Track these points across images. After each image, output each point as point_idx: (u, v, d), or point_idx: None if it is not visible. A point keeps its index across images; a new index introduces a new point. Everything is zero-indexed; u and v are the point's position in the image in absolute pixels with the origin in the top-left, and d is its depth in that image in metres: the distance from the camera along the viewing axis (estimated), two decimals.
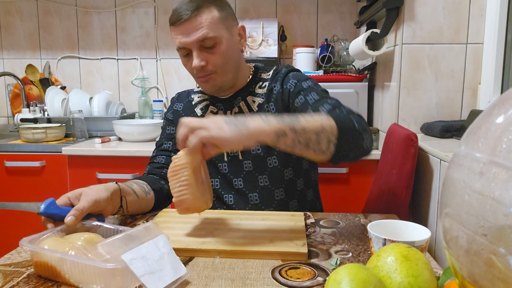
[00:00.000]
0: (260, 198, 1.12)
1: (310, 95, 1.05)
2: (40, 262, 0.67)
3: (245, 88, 1.15)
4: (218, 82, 1.07)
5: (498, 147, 0.38)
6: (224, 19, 1.04)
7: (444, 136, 1.44)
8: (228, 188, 1.14)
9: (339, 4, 2.32)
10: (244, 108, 1.14)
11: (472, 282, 0.40)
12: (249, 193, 1.12)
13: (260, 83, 1.16)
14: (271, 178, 1.11)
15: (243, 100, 1.14)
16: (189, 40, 1.00)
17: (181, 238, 0.82)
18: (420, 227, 0.69)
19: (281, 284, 0.66)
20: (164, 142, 1.21)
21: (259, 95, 1.14)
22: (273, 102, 1.12)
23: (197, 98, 1.22)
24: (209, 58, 1.03)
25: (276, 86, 1.13)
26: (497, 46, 1.46)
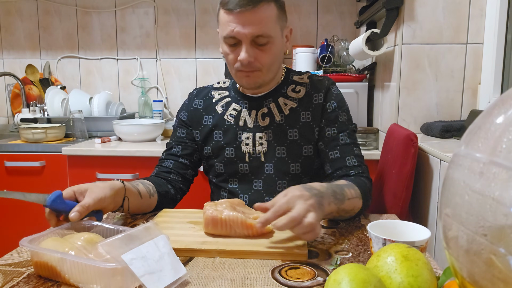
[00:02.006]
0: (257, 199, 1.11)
1: (342, 135, 1.08)
2: (40, 262, 0.67)
3: (277, 89, 1.12)
4: (260, 80, 1.05)
5: (498, 147, 0.38)
6: (280, 18, 1.02)
7: (444, 136, 1.44)
8: (247, 188, 1.12)
9: (339, 4, 2.32)
10: (274, 110, 1.11)
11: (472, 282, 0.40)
12: (266, 195, 1.11)
13: (293, 85, 1.13)
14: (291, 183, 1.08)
15: (274, 102, 1.11)
16: (244, 31, 0.96)
17: (181, 238, 0.82)
18: (420, 227, 0.69)
19: (281, 284, 0.66)
20: (173, 146, 1.17)
21: (291, 99, 1.11)
22: (311, 112, 1.10)
23: (218, 95, 1.18)
24: (258, 55, 1.00)
25: (318, 96, 1.10)
26: (497, 46, 1.46)
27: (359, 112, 1.86)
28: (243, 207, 0.89)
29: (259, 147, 1.10)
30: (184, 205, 1.44)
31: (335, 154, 1.08)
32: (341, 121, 1.10)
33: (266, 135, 1.10)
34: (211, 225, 0.82)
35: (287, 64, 2.35)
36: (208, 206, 0.85)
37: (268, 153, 1.10)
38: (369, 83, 1.94)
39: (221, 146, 1.12)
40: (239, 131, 1.11)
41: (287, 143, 1.09)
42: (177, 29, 2.42)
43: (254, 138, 1.10)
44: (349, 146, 1.08)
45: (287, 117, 1.10)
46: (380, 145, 1.78)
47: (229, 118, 1.13)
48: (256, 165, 1.11)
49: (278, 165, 1.10)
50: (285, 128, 1.10)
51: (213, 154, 1.14)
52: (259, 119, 1.11)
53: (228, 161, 1.12)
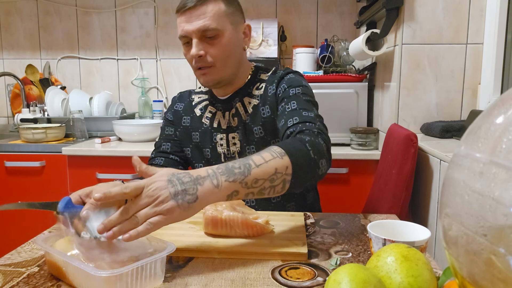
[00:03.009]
0: (256, 200, 1.11)
1: (290, 103, 1.02)
2: (50, 261, 0.68)
3: (243, 89, 1.14)
4: (217, 76, 1.06)
5: (498, 147, 0.38)
6: (230, 14, 1.04)
7: (444, 136, 1.44)
8: None
9: (339, 4, 2.32)
10: (241, 109, 1.13)
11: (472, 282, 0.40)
12: None
13: (258, 84, 1.15)
14: None
15: (240, 101, 1.14)
16: (190, 28, 1.01)
17: (181, 238, 0.82)
18: (420, 227, 0.69)
19: (281, 284, 0.66)
20: (162, 143, 1.21)
21: (255, 97, 1.13)
22: (268, 104, 1.11)
23: (197, 99, 1.22)
24: (208, 49, 1.02)
25: (271, 88, 1.12)
26: (497, 46, 1.46)
27: (359, 112, 1.86)
28: (243, 207, 0.89)
29: (232, 147, 1.14)
30: None
31: (281, 122, 1.01)
32: (291, 94, 1.05)
33: (238, 134, 1.13)
34: (211, 225, 0.82)
35: (287, 64, 2.35)
36: (208, 206, 0.85)
37: (241, 153, 1.13)
38: (369, 83, 1.94)
39: (199, 148, 1.17)
40: (214, 133, 1.15)
41: (255, 141, 1.12)
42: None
43: (227, 139, 1.14)
44: (295, 111, 0.99)
45: (251, 115, 1.12)
46: (380, 145, 1.78)
47: (206, 120, 1.17)
48: None
49: None
50: (250, 126, 1.12)
51: (192, 155, 1.19)
52: (231, 120, 1.14)
53: (206, 162, 1.17)
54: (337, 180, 1.78)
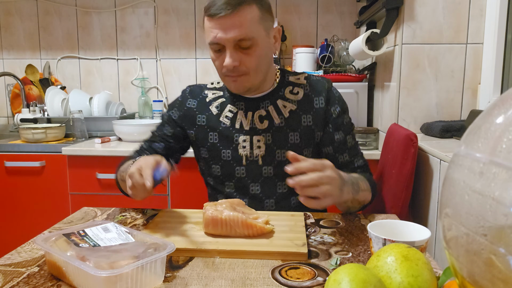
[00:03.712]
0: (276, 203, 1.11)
1: (349, 137, 1.13)
2: (50, 261, 0.68)
3: (274, 91, 1.11)
4: (248, 84, 1.04)
5: (498, 147, 0.38)
6: (264, 19, 1.00)
7: (444, 136, 1.44)
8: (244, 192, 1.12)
9: (339, 4, 2.32)
10: (273, 113, 1.10)
11: (472, 282, 0.40)
12: (265, 199, 1.11)
13: (290, 87, 1.12)
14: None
15: (272, 104, 1.10)
16: (225, 36, 0.96)
17: (181, 238, 0.82)
18: (420, 227, 0.69)
19: (281, 284, 0.66)
20: (156, 141, 1.16)
21: (291, 101, 1.10)
22: (312, 115, 1.10)
23: (212, 95, 1.16)
24: (243, 59, 0.99)
25: (319, 100, 1.10)
26: (497, 46, 1.46)
27: (359, 112, 1.86)
28: (243, 207, 0.89)
29: (256, 150, 1.09)
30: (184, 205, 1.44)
31: (345, 157, 1.12)
32: (346, 123, 1.13)
33: (264, 138, 1.09)
34: (211, 225, 0.82)
35: (287, 64, 2.35)
36: (208, 207, 0.85)
37: (267, 156, 1.09)
38: (369, 83, 1.94)
39: (217, 149, 1.11)
40: (235, 134, 1.10)
41: (287, 146, 1.09)
42: (177, 29, 2.42)
43: (251, 141, 1.09)
44: (355, 148, 1.14)
45: (288, 120, 1.09)
46: (380, 145, 1.78)
47: (225, 120, 1.11)
48: (253, 169, 1.10)
49: (278, 168, 1.09)
50: (285, 131, 1.09)
51: (210, 156, 1.13)
52: (256, 121, 1.10)
53: (225, 163, 1.11)
54: None
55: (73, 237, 0.70)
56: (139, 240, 0.71)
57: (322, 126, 1.11)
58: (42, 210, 1.93)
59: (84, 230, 0.73)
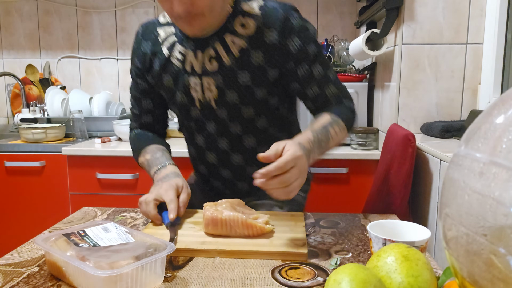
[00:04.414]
0: (229, 144, 1.08)
1: (315, 67, 1.00)
2: (50, 261, 0.68)
3: (223, 25, 0.99)
4: (205, 24, 0.93)
5: (498, 147, 0.38)
6: None
7: (444, 136, 1.44)
8: (201, 129, 1.09)
9: (339, 4, 2.32)
10: (222, 52, 0.99)
11: (472, 282, 0.40)
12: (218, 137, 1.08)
13: (240, 18, 0.98)
14: (245, 127, 1.06)
15: (219, 40, 0.99)
16: None
17: (181, 238, 0.82)
18: (420, 227, 0.69)
19: (281, 284, 0.66)
20: (142, 99, 1.13)
21: (241, 37, 0.98)
22: (263, 52, 0.97)
23: (163, 34, 1.06)
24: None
25: (272, 35, 0.96)
26: (497, 46, 1.46)
27: (359, 112, 1.86)
28: (243, 207, 0.89)
29: (208, 93, 1.02)
30: None
31: (314, 90, 1.02)
32: (311, 53, 0.99)
33: (215, 80, 1.01)
34: (211, 225, 0.82)
35: None
36: (208, 207, 0.85)
37: (219, 99, 1.02)
38: (369, 83, 1.94)
39: (173, 92, 1.07)
40: (186, 76, 1.03)
41: (238, 88, 1.01)
42: None
43: (202, 84, 1.02)
44: (326, 77, 1.02)
45: (238, 60, 0.98)
46: (380, 145, 1.78)
47: (176, 62, 1.04)
48: (208, 111, 1.05)
49: (231, 111, 1.03)
50: (235, 71, 0.99)
51: (168, 99, 1.10)
52: (206, 62, 1.00)
53: (181, 106, 1.08)
54: (337, 180, 1.78)
55: (73, 237, 0.70)
56: (139, 240, 0.71)
57: (278, 64, 0.99)
58: (42, 210, 1.93)
59: (84, 230, 0.73)
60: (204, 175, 1.18)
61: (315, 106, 1.04)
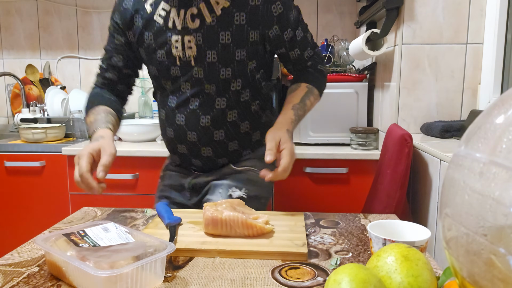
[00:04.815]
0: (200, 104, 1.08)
1: (298, 31, 1.09)
2: (50, 261, 0.68)
3: None
4: None
5: (498, 147, 0.38)
6: None
7: (444, 136, 1.44)
8: (176, 90, 1.10)
9: (339, 4, 2.32)
10: (204, 11, 1.02)
11: (472, 282, 0.40)
12: (191, 97, 1.09)
13: None
14: (220, 87, 1.07)
15: (204, 0, 1.03)
16: None
17: (181, 238, 0.82)
18: (420, 227, 0.69)
19: (281, 284, 0.66)
20: (113, 55, 1.13)
21: None
22: (246, 14, 1.02)
23: None
24: None
25: None
26: (497, 46, 1.46)
27: (359, 112, 1.86)
28: (243, 207, 0.89)
29: (188, 51, 1.04)
30: None
31: (296, 52, 1.12)
32: (293, 19, 1.07)
33: (195, 38, 1.03)
34: (211, 225, 0.82)
35: None
36: (208, 207, 0.85)
37: (198, 57, 1.04)
38: (369, 83, 1.94)
39: (153, 49, 1.08)
40: (168, 33, 1.05)
41: (218, 47, 1.03)
42: None
43: (183, 41, 1.04)
44: (305, 40, 1.12)
45: (219, 19, 1.02)
46: (380, 145, 1.78)
47: (158, 19, 1.06)
48: (186, 69, 1.06)
49: (208, 70, 1.05)
50: (216, 30, 1.02)
51: (147, 57, 1.11)
52: (188, 20, 1.03)
53: (160, 64, 1.09)
54: (337, 180, 1.78)
55: (73, 237, 0.70)
56: (139, 240, 0.71)
57: (260, 26, 1.03)
58: (42, 210, 1.93)
59: (84, 230, 0.73)
60: (170, 138, 1.15)
61: (295, 68, 1.16)
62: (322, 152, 1.74)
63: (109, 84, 1.17)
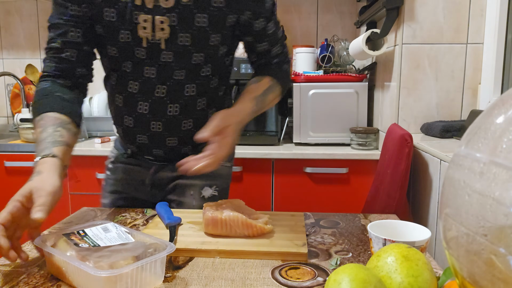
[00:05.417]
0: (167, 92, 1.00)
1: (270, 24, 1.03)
2: (50, 260, 0.68)
3: None
4: None
5: (498, 147, 0.38)
6: None
7: (444, 136, 1.44)
8: (138, 74, 0.99)
9: (339, 4, 2.32)
10: None
11: (472, 282, 0.40)
12: (158, 84, 0.99)
13: None
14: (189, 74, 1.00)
15: None
16: None
17: (181, 238, 0.82)
18: (420, 227, 0.69)
19: (281, 284, 0.66)
20: (69, 29, 0.94)
21: None
22: None
23: None
24: None
25: None
26: (497, 46, 1.46)
27: (359, 112, 1.86)
28: (243, 207, 0.89)
29: (159, 33, 0.94)
30: None
31: (264, 46, 1.06)
32: (267, 9, 1.00)
33: (168, 19, 0.93)
34: (211, 225, 0.82)
35: None
36: (208, 207, 0.85)
37: (170, 40, 0.94)
38: (369, 83, 1.94)
39: (114, 28, 0.94)
40: (135, 11, 0.92)
41: (193, 30, 0.94)
42: None
43: (153, 22, 0.93)
44: (275, 35, 1.06)
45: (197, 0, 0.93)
46: (380, 145, 1.78)
47: None
48: (154, 53, 0.96)
49: (179, 55, 0.96)
50: (192, 11, 0.93)
51: (107, 35, 0.96)
52: None
53: (123, 45, 0.96)
54: (337, 180, 1.78)
55: (73, 237, 0.70)
56: (139, 240, 0.71)
57: (237, 10, 0.96)
58: None
59: (84, 230, 0.73)
60: (128, 128, 1.05)
61: (259, 61, 1.09)
62: (322, 152, 1.74)
63: (66, 70, 0.96)
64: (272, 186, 1.81)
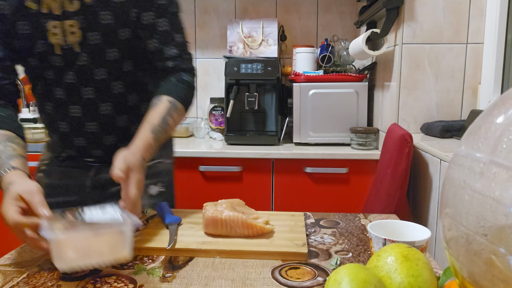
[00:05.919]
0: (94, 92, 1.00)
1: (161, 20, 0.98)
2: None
3: None
4: None
5: (498, 147, 0.38)
6: None
7: (444, 136, 1.44)
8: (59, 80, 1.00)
9: (339, 4, 2.32)
10: None
11: (472, 282, 0.40)
12: (81, 87, 1.00)
13: None
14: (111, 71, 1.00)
15: None
16: None
17: (181, 238, 0.82)
18: (420, 227, 0.69)
19: (281, 284, 0.66)
20: None
21: None
22: None
23: None
24: None
25: None
26: (497, 46, 1.46)
27: (359, 112, 1.86)
28: (243, 207, 0.89)
29: (71, 37, 0.95)
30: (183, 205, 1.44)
31: (154, 43, 1.00)
32: (161, 4, 0.98)
33: (77, 22, 0.94)
34: (211, 225, 0.82)
35: (287, 64, 2.35)
36: (208, 207, 0.85)
37: (83, 43, 0.96)
38: (369, 83, 1.94)
39: (30, 40, 0.95)
40: (43, 20, 0.94)
41: (100, 28, 0.95)
42: None
43: (63, 28, 0.95)
44: (169, 35, 1.00)
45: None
46: (380, 145, 1.78)
47: (31, 4, 0.93)
48: (71, 57, 0.97)
49: (94, 54, 0.97)
50: (95, 10, 0.95)
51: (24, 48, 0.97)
52: (66, 3, 0.94)
53: (39, 55, 0.97)
54: (337, 180, 1.78)
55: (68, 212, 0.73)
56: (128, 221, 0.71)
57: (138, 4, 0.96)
58: None
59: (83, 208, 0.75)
60: (64, 133, 1.05)
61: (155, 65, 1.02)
62: (322, 152, 1.74)
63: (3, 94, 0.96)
64: (272, 186, 1.81)
